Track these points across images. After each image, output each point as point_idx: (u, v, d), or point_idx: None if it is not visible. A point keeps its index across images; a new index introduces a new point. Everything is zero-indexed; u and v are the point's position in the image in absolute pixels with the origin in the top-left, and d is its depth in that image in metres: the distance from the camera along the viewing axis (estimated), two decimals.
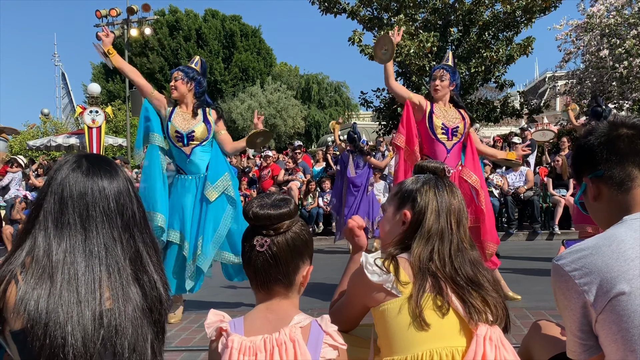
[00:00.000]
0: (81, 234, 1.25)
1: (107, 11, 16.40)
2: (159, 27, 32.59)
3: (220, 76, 34.23)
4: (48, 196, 1.28)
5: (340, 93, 40.10)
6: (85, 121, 15.20)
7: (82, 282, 1.20)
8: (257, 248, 1.41)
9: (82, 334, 1.16)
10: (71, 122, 28.31)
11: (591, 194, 1.48)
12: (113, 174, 1.33)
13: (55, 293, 1.18)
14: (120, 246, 1.28)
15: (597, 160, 1.44)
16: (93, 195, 1.27)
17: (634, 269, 1.25)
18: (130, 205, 1.33)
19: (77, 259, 1.22)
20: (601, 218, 1.50)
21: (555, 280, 1.38)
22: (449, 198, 1.68)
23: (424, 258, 1.59)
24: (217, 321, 1.45)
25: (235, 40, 35.22)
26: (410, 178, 1.79)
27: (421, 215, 1.66)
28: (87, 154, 1.39)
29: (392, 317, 1.55)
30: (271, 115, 31.51)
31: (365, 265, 1.60)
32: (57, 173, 1.31)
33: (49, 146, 17.39)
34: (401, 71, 18.40)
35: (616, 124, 1.46)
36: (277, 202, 1.44)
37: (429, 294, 1.54)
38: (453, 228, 1.65)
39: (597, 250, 1.31)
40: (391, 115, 18.68)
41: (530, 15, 16.33)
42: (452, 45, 17.79)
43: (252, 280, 1.47)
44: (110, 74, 34.65)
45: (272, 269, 1.42)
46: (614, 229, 1.36)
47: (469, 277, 1.59)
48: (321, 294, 5.09)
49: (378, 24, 17.65)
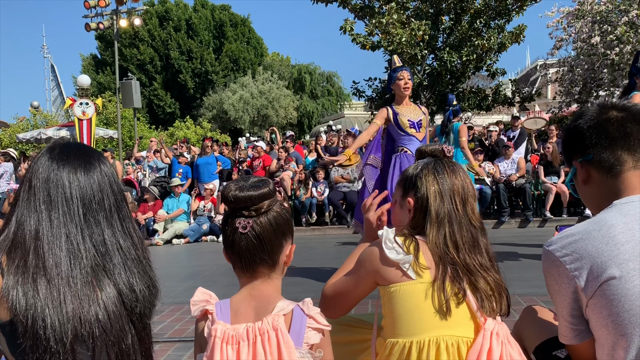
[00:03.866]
0: (46, 220, 1.23)
1: (96, 1, 16.22)
2: (149, 17, 32.28)
3: (212, 67, 34.01)
4: (25, 181, 1.28)
5: (332, 83, 39.97)
6: (76, 113, 15.07)
7: (48, 264, 1.19)
8: (240, 230, 1.40)
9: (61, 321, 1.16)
10: (61, 115, 28.06)
11: (581, 178, 1.47)
12: (86, 165, 1.31)
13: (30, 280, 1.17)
14: (81, 232, 1.25)
15: (587, 144, 1.43)
16: (57, 183, 1.26)
17: (624, 253, 1.25)
18: (107, 195, 1.31)
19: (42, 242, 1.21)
20: (591, 202, 1.50)
21: (546, 266, 1.38)
22: (450, 178, 1.66)
23: (440, 243, 1.58)
24: (203, 301, 1.45)
25: (225, 30, 34.98)
26: (411, 165, 1.78)
27: (424, 201, 1.64)
28: (67, 142, 1.37)
29: (403, 299, 1.54)
30: (263, 105, 31.38)
31: (385, 240, 1.58)
32: (34, 162, 1.31)
33: (39, 139, 17.23)
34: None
35: (606, 106, 1.45)
36: (256, 183, 1.43)
37: (449, 282, 1.53)
38: (459, 208, 1.63)
39: (588, 235, 1.31)
40: (383, 104, 18.65)
41: (522, 3, 16.31)
42: (443, 33, 17.76)
43: (235, 264, 1.46)
44: (100, 66, 34.35)
45: (256, 250, 1.42)
46: (604, 213, 1.35)
47: (480, 262, 1.59)
48: (316, 284, 5.10)
49: (369, 12, 17.56)
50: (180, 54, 33.57)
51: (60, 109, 29.66)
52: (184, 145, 14.89)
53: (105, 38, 32.38)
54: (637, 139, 1.39)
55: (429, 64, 17.84)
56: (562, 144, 1.57)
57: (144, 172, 12.93)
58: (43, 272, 1.18)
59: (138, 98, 16.39)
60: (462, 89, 18.34)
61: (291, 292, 1.43)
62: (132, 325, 1.28)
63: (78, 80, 16.35)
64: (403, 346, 1.53)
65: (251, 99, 31.21)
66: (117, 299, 1.25)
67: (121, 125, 17.61)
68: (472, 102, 18.03)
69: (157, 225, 10.42)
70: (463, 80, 18.21)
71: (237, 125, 31.32)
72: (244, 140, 16.94)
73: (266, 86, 31.99)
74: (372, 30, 16.44)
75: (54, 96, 37.27)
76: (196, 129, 26.95)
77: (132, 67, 32.01)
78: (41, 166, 1.28)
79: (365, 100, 20.25)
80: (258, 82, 32.33)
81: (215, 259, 7.85)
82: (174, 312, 4.27)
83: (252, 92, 31.41)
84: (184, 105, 34.19)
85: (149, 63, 33.38)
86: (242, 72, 34.55)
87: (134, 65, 32.59)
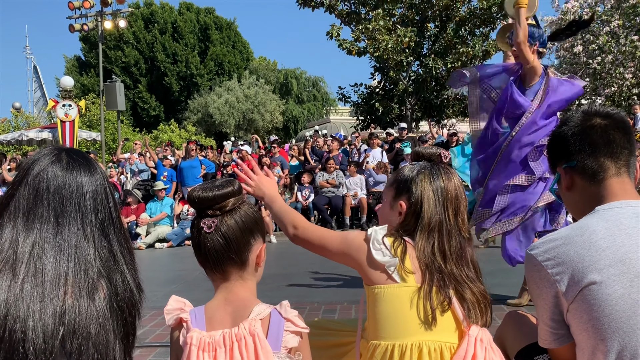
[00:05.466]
0: (53, 229, 1.21)
1: (81, 3, 16.09)
2: (134, 19, 32.11)
3: (197, 70, 33.91)
4: (22, 187, 1.24)
5: (318, 88, 40.10)
6: (58, 115, 14.91)
7: (47, 278, 1.17)
8: (205, 230, 1.40)
9: (43, 329, 1.13)
10: (43, 116, 27.75)
11: (565, 184, 1.48)
12: (92, 170, 1.30)
13: (16, 286, 1.14)
14: (93, 244, 1.24)
15: (571, 150, 1.44)
16: (70, 191, 1.24)
17: (605, 259, 1.26)
18: (106, 203, 1.30)
19: (46, 253, 1.19)
20: (575, 208, 1.51)
21: (529, 270, 1.38)
22: (445, 185, 1.65)
23: (428, 253, 1.57)
24: (177, 309, 1.44)
25: (210, 33, 34.94)
26: (407, 166, 1.76)
27: (418, 207, 1.63)
28: (67, 147, 1.35)
29: (387, 301, 1.54)
30: (248, 109, 31.34)
31: (373, 240, 1.58)
32: (34, 164, 1.26)
33: (20, 140, 17.01)
34: (379, 66, 18.46)
35: (590, 113, 1.46)
36: (221, 183, 1.43)
37: (436, 290, 1.53)
38: (450, 218, 1.62)
39: (570, 240, 1.32)
40: (369, 110, 18.75)
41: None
42: (429, 40, 17.91)
43: (205, 266, 1.45)
44: (84, 68, 34.05)
45: (223, 250, 1.41)
46: (586, 219, 1.37)
47: (466, 273, 1.59)
48: (300, 289, 5.08)
49: (356, 18, 17.65)
50: (166, 56, 33.43)
51: (43, 111, 29.32)
52: (168, 148, 14.81)
53: (89, 40, 32.13)
54: (620, 146, 1.41)
55: (414, 71, 17.98)
56: (547, 149, 1.57)
57: (126, 175, 12.81)
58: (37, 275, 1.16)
59: (122, 100, 16.26)
60: (446, 95, 18.49)
61: (275, 296, 1.42)
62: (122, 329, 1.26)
63: (61, 81, 16.19)
64: (385, 349, 1.53)
65: (237, 103, 31.15)
66: (112, 304, 1.23)
67: (104, 127, 17.44)
68: (456, 109, 18.19)
69: (139, 229, 10.33)
70: (448, 87, 18.36)
71: (222, 129, 31.23)
72: (229, 144, 16.88)
73: (252, 90, 31.98)
74: (358, 36, 16.53)
75: (36, 97, 36.87)
76: (181, 132, 26.83)
77: (117, 69, 31.79)
78: (50, 172, 1.25)
79: (350, 106, 20.31)
80: (244, 86, 32.31)
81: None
82: (155, 317, 4.22)
83: (238, 96, 31.37)
84: (169, 108, 34.03)
85: (133, 65, 33.18)
86: (228, 75, 34.50)
87: (119, 68, 32.37)
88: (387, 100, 18.22)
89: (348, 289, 4.91)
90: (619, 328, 1.23)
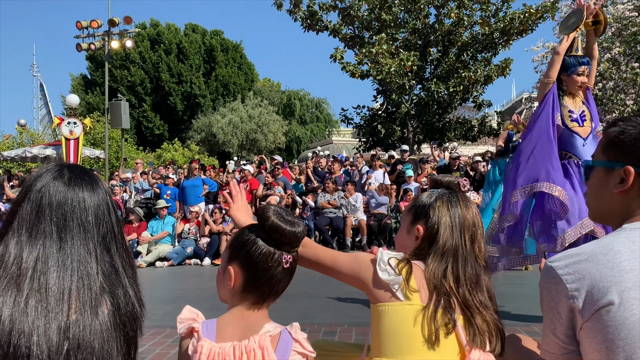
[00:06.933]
0: (56, 244, 1.22)
1: (89, 23, 16.30)
2: (140, 40, 32.47)
3: (199, 90, 34.16)
4: (25, 203, 1.25)
5: (321, 109, 40.32)
6: (63, 132, 15.00)
7: (51, 293, 1.17)
8: (284, 265, 1.45)
9: (48, 345, 1.14)
10: (48, 134, 27.89)
11: (624, 185, 1.38)
12: (94, 186, 1.31)
13: (21, 302, 1.15)
14: (95, 259, 1.25)
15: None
16: (72, 206, 1.25)
17: (627, 281, 1.23)
18: (108, 218, 1.31)
19: (49, 268, 1.19)
20: (605, 208, 1.45)
21: (546, 281, 1.36)
22: (462, 213, 1.68)
23: (439, 275, 1.59)
24: (190, 319, 1.46)
25: (215, 55, 35.26)
26: (425, 193, 1.80)
27: (434, 231, 1.66)
28: (69, 164, 1.37)
29: (391, 319, 1.56)
30: (252, 130, 31.47)
31: (379, 261, 1.61)
32: (37, 181, 1.28)
33: (24, 157, 17.08)
34: (382, 88, 18.61)
35: None
36: (295, 219, 1.48)
37: (441, 311, 1.55)
38: (467, 244, 1.65)
39: (593, 257, 1.29)
40: (371, 132, 18.84)
41: (508, 38, 16.71)
42: (431, 64, 18.08)
43: (261, 294, 1.47)
44: (90, 86, 34.32)
45: (285, 283, 1.49)
46: (612, 237, 1.34)
47: (480, 299, 1.61)
48: (301, 310, 5.06)
49: (359, 42, 17.86)
50: (170, 76, 33.70)
51: (48, 128, 29.49)
52: (170, 167, 14.85)
53: (96, 59, 32.43)
54: None
55: (416, 94, 18.11)
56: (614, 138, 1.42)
57: (129, 193, 12.85)
58: (40, 290, 1.17)
59: (127, 119, 16.37)
60: (448, 119, 18.59)
61: (274, 317, 1.43)
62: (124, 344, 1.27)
63: (67, 99, 16.31)
64: None
65: (240, 123, 31.29)
66: (115, 319, 1.24)
67: (108, 145, 17.53)
68: (458, 132, 18.26)
69: (140, 247, 10.31)
70: (450, 110, 18.48)
71: (225, 148, 31.33)
72: (232, 163, 16.92)
73: (256, 111, 32.15)
74: (361, 60, 16.70)
75: (41, 115, 37.10)
76: (184, 151, 26.90)
77: (122, 88, 32.03)
78: (52, 188, 1.27)
79: (353, 127, 20.43)
80: (248, 106, 32.49)
81: (198, 282, 7.77)
82: (155, 336, 4.21)
83: (242, 116, 31.52)
84: (173, 128, 34.19)
85: (139, 85, 33.44)
86: (232, 96, 34.73)
87: (124, 87, 32.63)
88: (389, 122, 18.32)
89: (348, 311, 4.89)
90: (633, 353, 1.20)
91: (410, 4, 17.02)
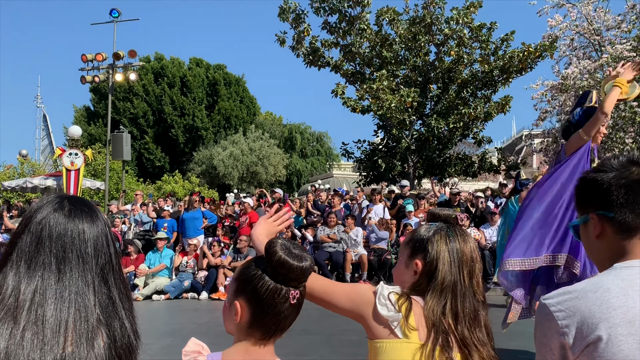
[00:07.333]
0: (55, 275, 1.22)
1: (94, 56, 16.57)
2: (144, 73, 32.92)
3: (202, 123, 34.47)
4: (25, 235, 1.25)
5: (322, 143, 40.60)
6: (64, 163, 15.06)
7: (48, 325, 1.17)
8: (291, 301, 1.43)
9: None
10: (49, 164, 28.02)
11: (595, 232, 1.45)
12: (93, 217, 1.32)
13: (17, 334, 1.14)
14: (93, 291, 1.25)
15: (611, 201, 1.41)
16: (72, 237, 1.26)
17: (615, 317, 1.27)
18: (107, 249, 1.31)
19: (47, 300, 1.19)
20: (596, 255, 1.50)
21: (540, 318, 1.38)
22: (461, 247, 1.67)
23: (437, 312, 1.58)
24: (195, 352, 1.45)
25: (218, 88, 35.71)
26: (423, 226, 1.78)
27: (433, 266, 1.64)
28: (69, 195, 1.39)
29: (388, 356, 1.54)
30: (253, 162, 31.62)
31: (379, 296, 1.58)
32: (37, 212, 1.29)
33: (24, 187, 17.11)
34: (382, 123, 18.78)
35: (636, 164, 1.43)
36: (302, 253, 1.45)
37: (439, 350, 1.53)
38: (465, 280, 1.64)
39: (583, 294, 1.33)
40: (371, 166, 18.92)
41: (508, 75, 16.95)
42: (431, 100, 18.28)
43: (268, 330, 1.45)
44: (93, 118, 34.65)
45: (292, 318, 1.47)
46: (603, 276, 1.38)
47: (478, 336, 1.59)
48: (300, 346, 4.98)
49: (360, 78, 18.12)
50: (173, 109, 34.05)
51: (49, 159, 29.64)
52: (169, 199, 14.84)
53: (99, 91, 32.85)
54: None
55: (416, 129, 18.26)
56: (579, 190, 1.52)
57: (128, 225, 12.81)
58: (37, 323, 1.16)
59: (128, 150, 16.47)
60: (448, 154, 18.68)
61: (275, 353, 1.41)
62: None
63: (69, 130, 16.44)
64: None
65: (241, 156, 31.46)
66: (111, 352, 1.23)
67: (109, 177, 17.57)
68: (458, 168, 18.33)
69: (137, 280, 10.22)
70: (450, 146, 18.59)
71: (225, 180, 31.40)
72: (232, 196, 16.93)
73: (257, 144, 32.36)
74: (362, 95, 16.91)
75: (43, 145, 37.35)
76: (184, 183, 26.96)
77: (125, 120, 32.33)
78: (53, 220, 1.27)
79: (353, 161, 20.52)
80: (249, 139, 32.72)
81: (195, 317, 7.67)
82: None
83: (243, 149, 31.71)
84: (174, 160, 34.36)
85: (141, 117, 33.75)
86: (234, 129, 35.02)
87: (127, 119, 32.93)
88: (389, 157, 18.42)
89: (345, 348, 4.82)
90: None
91: (410, 41, 17.33)
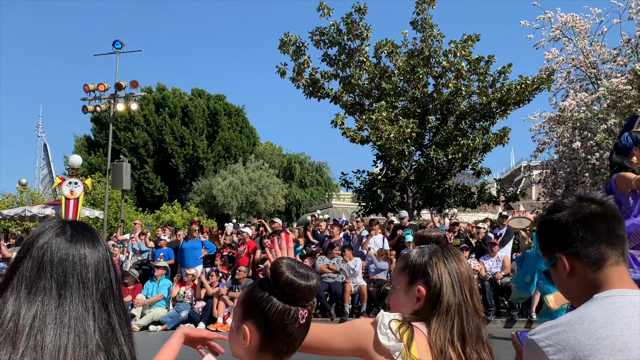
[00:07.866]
0: (55, 300, 1.21)
1: (96, 86, 16.74)
2: (146, 103, 33.21)
3: (203, 153, 34.59)
4: (26, 260, 1.25)
5: (321, 173, 40.68)
6: (64, 192, 15.07)
7: (47, 350, 1.16)
8: (301, 321, 1.38)
9: None
10: (48, 193, 28.00)
11: (566, 271, 1.48)
12: (95, 242, 1.32)
13: (16, 359, 1.13)
14: (93, 316, 1.24)
15: (572, 237, 1.45)
16: (73, 262, 1.25)
17: (605, 347, 1.28)
18: (108, 275, 1.31)
19: (46, 325, 1.18)
20: (572, 293, 1.51)
21: (528, 355, 1.38)
22: (458, 267, 1.65)
23: (444, 337, 1.55)
24: None
25: (219, 118, 35.97)
26: (414, 250, 1.74)
27: (437, 290, 1.61)
28: (71, 220, 1.39)
29: None
30: (252, 192, 31.61)
31: (380, 324, 1.55)
32: (39, 237, 1.29)
33: (23, 216, 17.07)
34: (381, 154, 18.86)
35: (585, 199, 1.48)
36: (309, 272, 1.41)
37: None
38: (468, 298, 1.62)
39: (570, 327, 1.33)
40: (371, 196, 18.92)
41: (506, 107, 17.11)
42: (430, 132, 18.41)
43: (279, 352, 1.40)
44: (93, 147, 34.79)
45: (302, 338, 1.42)
46: (586, 307, 1.38)
47: (484, 357, 1.58)
48: None
49: (360, 109, 18.29)
50: (174, 139, 34.22)
51: (48, 188, 29.63)
52: (167, 228, 14.80)
53: (100, 120, 33.05)
54: (616, 235, 1.44)
55: (415, 160, 18.33)
56: (540, 234, 1.55)
57: (126, 255, 12.74)
58: (36, 348, 1.15)
59: (128, 180, 16.50)
60: (447, 185, 18.70)
61: None
62: None
63: (70, 159, 16.51)
64: None
65: (240, 186, 31.47)
66: None
67: (108, 206, 17.54)
68: (457, 199, 18.33)
69: (134, 310, 10.12)
70: (449, 177, 18.64)
71: (224, 210, 31.33)
72: (231, 226, 16.88)
73: (256, 174, 32.42)
74: (361, 126, 17.04)
75: (43, 174, 37.37)
76: (183, 213, 26.89)
77: (125, 149, 32.45)
78: (54, 244, 1.27)
79: (353, 192, 20.54)
80: (249, 169, 32.80)
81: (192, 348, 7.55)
82: None
83: (242, 179, 31.75)
84: (173, 189, 34.36)
85: (142, 146, 33.89)
86: (234, 159, 35.14)
87: (127, 148, 33.06)
88: (389, 187, 18.44)
89: None
90: None
91: (409, 74, 17.54)
